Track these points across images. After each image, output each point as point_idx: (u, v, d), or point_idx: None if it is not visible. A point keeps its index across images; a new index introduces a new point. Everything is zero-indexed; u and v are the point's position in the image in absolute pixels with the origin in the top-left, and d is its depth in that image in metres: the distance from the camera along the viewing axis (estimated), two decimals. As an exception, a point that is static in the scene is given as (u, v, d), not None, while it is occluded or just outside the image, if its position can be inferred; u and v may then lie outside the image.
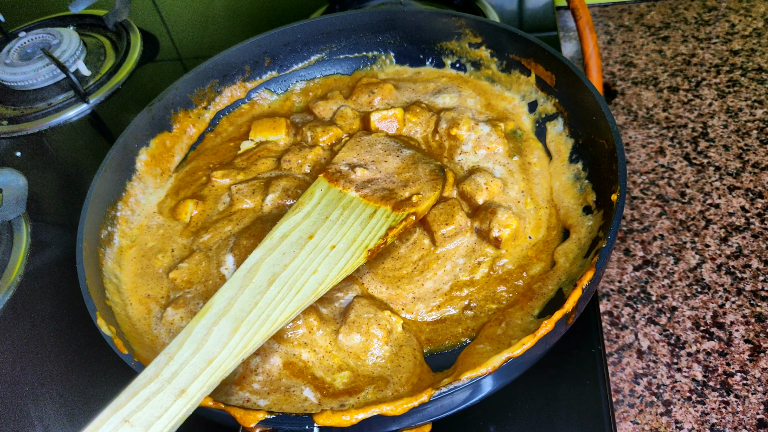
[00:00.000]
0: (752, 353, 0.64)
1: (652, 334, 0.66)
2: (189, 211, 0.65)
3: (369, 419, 0.42)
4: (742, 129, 0.88)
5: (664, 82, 0.97)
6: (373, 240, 0.53)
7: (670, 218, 0.78)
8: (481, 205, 0.60)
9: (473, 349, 0.51)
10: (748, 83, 0.95)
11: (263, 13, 1.17)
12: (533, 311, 0.54)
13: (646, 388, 0.62)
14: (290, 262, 0.50)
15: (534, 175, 0.64)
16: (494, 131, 0.66)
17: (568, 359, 0.57)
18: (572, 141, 0.65)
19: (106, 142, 0.94)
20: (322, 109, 0.74)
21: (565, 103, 0.66)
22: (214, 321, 0.44)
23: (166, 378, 0.40)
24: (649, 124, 0.91)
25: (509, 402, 0.55)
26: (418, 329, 0.55)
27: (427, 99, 0.73)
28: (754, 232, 0.75)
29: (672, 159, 0.85)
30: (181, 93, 0.74)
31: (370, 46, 0.80)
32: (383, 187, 0.58)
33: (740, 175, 0.81)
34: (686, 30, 1.07)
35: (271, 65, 0.80)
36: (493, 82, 0.74)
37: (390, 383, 0.50)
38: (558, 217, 0.61)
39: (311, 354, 0.52)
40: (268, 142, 0.73)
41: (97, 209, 0.61)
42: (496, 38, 0.73)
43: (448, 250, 0.58)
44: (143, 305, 0.58)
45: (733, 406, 0.60)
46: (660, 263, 0.73)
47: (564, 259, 0.56)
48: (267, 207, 0.63)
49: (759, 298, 0.68)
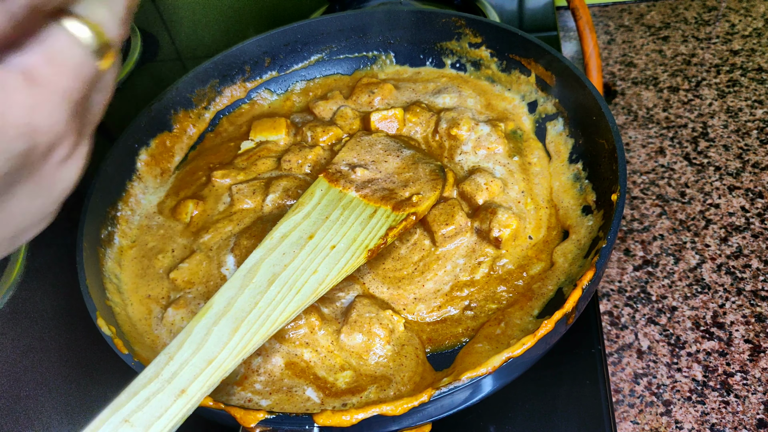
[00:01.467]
0: (752, 353, 0.64)
1: (652, 334, 0.66)
2: (189, 211, 0.65)
3: (369, 419, 0.42)
4: (742, 129, 0.88)
5: (664, 82, 0.97)
6: (373, 240, 0.53)
7: (670, 218, 0.78)
8: (481, 205, 0.60)
9: (472, 348, 0.52)
10: (748, 83, 0.95)
11: (263, 13, 1.17)
12: (533, 311, 0.54)
13: (646, 388, 0.62)
14: (290, 262, 0.50)
15: (534, 175, 0.64)
16: (494, 131, 0.66)
17: (568, 359, 0.57)
18: (572, 141, 0.65)
19: (106, 142, 0.94)
20: (322, 109, 0.74)
21: (565, 103, 0.66)
22: (214, 321, 0.44)
23: (166, 378, 0.40)
24: (649, 124, 0.91)
25: (509, 402, 0.55)
26: (420, 329, 0.55)
27: (427, 99, 0.73)
28: (754, 232, 0.75)
29: (672, 159, 0.85)
30: (181, 93, 0.74)
31: (370, 46, 0.80)
32: (383, 187, 0.58)
33: (740, 175, 0.81)
34: (686, 30, 1.07)
35: (271, 65, 0.80)
36: (493, 82, 0.74)
37: (393, 382, 0.50)
38: (558, 217, 0.61)
39: (313, 354, 0.52)
40: (268, 142, 0.73)
41: (98, 209, 0.61)
42: (496, 38, 0.73)
43: (449, 251, 0.58)
44: (144, 305, 0.58)
45: (733, 406, 0.60)
46: (660, 263, 0.73)
47: (563, 260, 0.56)
48: (267, 207, 0.63)
49: (759, 298, 0.68)
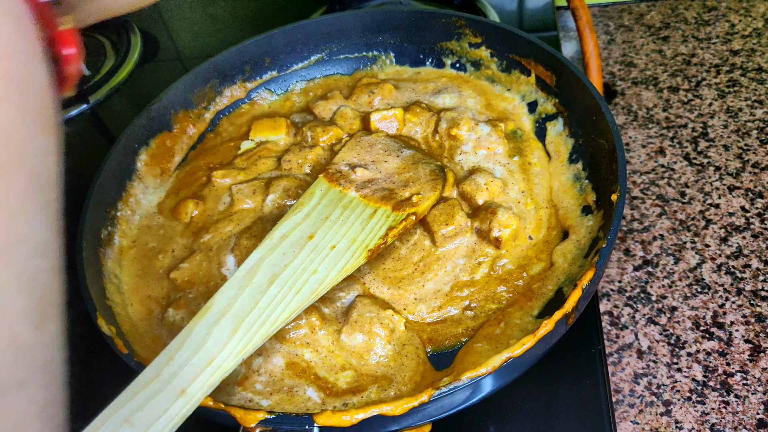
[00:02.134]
0: (752, 353, 0.64)
1: (652, 334, 0.66)
2: (189, 211, 0.65)
3: (369, 419, 0.42)
4: (742, 129, 0.88)
5: (664, 82, 0.97)
6: (373, 240, 0.53)
7: (670, 218, 0.78)
8: (482, 205, 0.60)
9: (471, 348, 0.52)
10: (748, 83, 0.95)
11: (263, 13, 1.17)
12: (532, 311, 0.54)
13: (646, 388, 0.62)
14: (290, 262, 0.50)
15: (534, 175, 0.64)
16: (494, 131, 0.66)
17: (568, 359, 0.57)
18: (572, 141, 0.65)
19: (106, 142, 0.94)
20: (322, 109, 0.74)
21: (565, 103, 0.66)
22: (214, 321, 0.44)
23: (167, 378, 0.40)
24: (649, 124, 0.91)
25: (509, 402, 0.55)
26: (420, 329, 0.55)
27: (427, 99, 0.73)
28: (754, 232, 0.75)
29: (672, 159, 0.85)
30: (182, 93, 0.74)
31: (370, 46, 0.80)
32: (383, 187, 0.58)
33: (740, 175, 0.81)
34: (686, 30, 1.07)
35: (271, 65, 0.80)
36: (493, 82, 0.74)
37: (394, 382, 0.50)
38: (557, 217, 0.61)
39: (314, 354, 0.52)
40: (268, 142, 0.73)
41: (97, 209, 0.61)
42: (496, 38, 0.73)
43: (449, 251, 0.58)
44: (144, 306, 0.58)
45: (733, 406, 0.60)
46: (660, 263, 0.73)
47: (562, 260, 0.56)
48: (268, 207, 0.63)
49: (759, 298, 0.68)
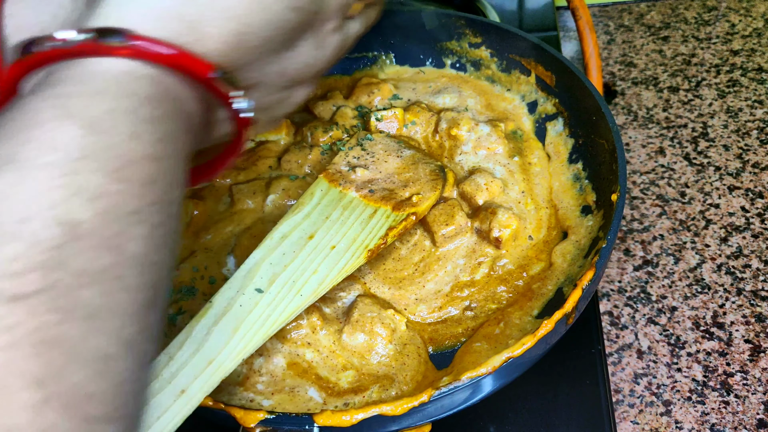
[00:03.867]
0: (752, 353, 0.64)
1: (652, 334, 0.67)
2: (189, 211, 0.65)
3: (369, 419, 0.42)
4: (742, 129, 0.88)
5: (664, 82, 0.97)
6: (373, 240, 0.53)
7: (670, 218, 0.78)
8: (482, 205, 0.60)
9: (470, 348, 0.52)
10: (748, 83, 0.95)
11: (263, 13, 1.17)
12: (532, 311, 0.54)
13: (646, 388, 0.62)
14: (290, 262, 0.50)
15: (534, 175, 0.64)
16: (494, 131, 0.66)
17: (568, 359, 0.58)
18: (572, 141, 0.65)
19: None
20: (322, 109, 0.74)
21: (565, 103, 0.66)
22: (214, 321, 0.44)
23: (167, 378, 0.40)
24: (649, 124, 0.91)
25: (509, 402, 0.55)
26: (421, 330, 0.55)
27: (427, 99, 0.73)
28: (754, 232, 0.75)
29: (672, 159, 0.85)
30: (182, 93, 0.74)
31: (370, 46, 0.80)
32: (383, 188, 0.58)
33: (740, 175, 0.81)
34: (686, 30, 1.07)
35: (271, 65, 0.80)
36: (493, 82, 0.75)
37: (395, 382, 0.50)
38: (557, 217, 0.61)
39: (315, 354, 0.52)
40: (268, 141, 0.73)
41: (98, 209, 0.61)
42: (496, 38, 0.73)
43: (449, 251, 0.58)
44: (144, 305, 0.58)
45: (733, 406, 0.60)
46: (660, 263, 0.73)
47: (561, 260, 0.56)
48: (268, 207, 0.63)
49: (759, 298, 0.68)
